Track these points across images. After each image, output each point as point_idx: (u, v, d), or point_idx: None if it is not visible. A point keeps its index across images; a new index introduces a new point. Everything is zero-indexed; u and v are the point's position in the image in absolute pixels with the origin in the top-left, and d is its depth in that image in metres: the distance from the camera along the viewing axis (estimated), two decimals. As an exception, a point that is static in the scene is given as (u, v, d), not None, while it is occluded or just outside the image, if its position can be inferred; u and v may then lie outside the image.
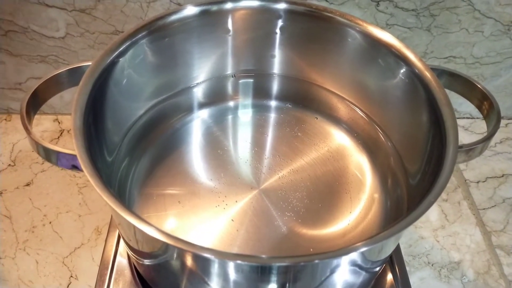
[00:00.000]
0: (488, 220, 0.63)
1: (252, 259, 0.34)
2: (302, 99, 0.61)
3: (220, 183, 0.52)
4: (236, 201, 0.50)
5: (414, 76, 0.48)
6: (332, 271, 0.39)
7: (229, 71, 0.60)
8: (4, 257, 0.56)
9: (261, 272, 0.36)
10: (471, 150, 0.44)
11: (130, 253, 0.50)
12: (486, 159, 0.70)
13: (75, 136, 0.39)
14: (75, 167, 0.40)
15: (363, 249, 0.34)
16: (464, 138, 0.73)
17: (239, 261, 0.33)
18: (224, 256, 0.33)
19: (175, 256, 0.38)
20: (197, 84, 0.60)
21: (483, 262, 0.58)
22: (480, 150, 0.44)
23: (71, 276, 0.54)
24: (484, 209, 0.64)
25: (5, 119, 0.71)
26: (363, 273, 0.43)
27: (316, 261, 0.34)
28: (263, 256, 0.34)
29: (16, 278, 0.54)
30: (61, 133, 0.70)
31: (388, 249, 0.45)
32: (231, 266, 0.35)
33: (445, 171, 0.39)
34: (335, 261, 0.37)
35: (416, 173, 0.48)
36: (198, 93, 0.60)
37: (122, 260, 0.53)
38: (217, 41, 0.57)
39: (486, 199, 0.65)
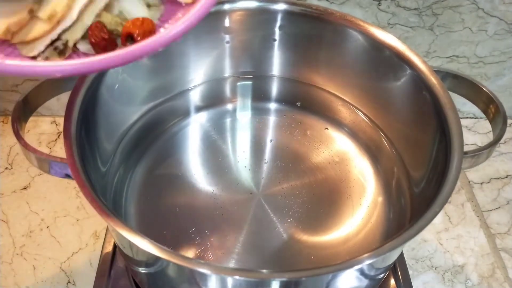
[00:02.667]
0: (492, 222, 0.62)
1: (251, 274, 0.33)
2: (302, 102, 0.60)
3: (218, 189, 0.51)
4: (235, 207, 0.50)
5: (418, 79, 0.47)
6: (335, 281, 0.38)
7: (227, 73, 0.59)
8: (1, 262, 0.55)
9: (261, 285, 0.35)
10: (477, 156, 0.43)
11: (125, 261, 0.49)
12: (490, 160, 0.68)
13: (67, 145, 0.38)
14: (68, 176, 0.39)
15: (367, 262, 0.33)
16: (468, 138, 0.71)
17: (237, 277, 0.32)
18: (221, 271, 0.32)
19: (170, 267, 0.38)
20: (194, 86, 0.59)
21: (488, 266, 0.57)
22: (487, 156, 0.44)
23: (69, 282, 0.54)
24: (488, 211, 0.63)
25: (2, 121, 0.71)
26: (367, 281, 0.42)
27: (318, 275, 0.33)
28: (263, 271, 0.33)
29: (12, 283, 0.53)
30: (59, 135, 0.69)
31: (392, 258, 0.44)
32: (229, 280, 0.35)
33: (450, 180, 0.38)
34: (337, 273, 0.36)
35: (421, 180, 0.47)
36: (195, 96, 0.59)
37: (119, 266, 0.52)
38: (214, 42, 0.56)
39: (490, 201, 0.64)
